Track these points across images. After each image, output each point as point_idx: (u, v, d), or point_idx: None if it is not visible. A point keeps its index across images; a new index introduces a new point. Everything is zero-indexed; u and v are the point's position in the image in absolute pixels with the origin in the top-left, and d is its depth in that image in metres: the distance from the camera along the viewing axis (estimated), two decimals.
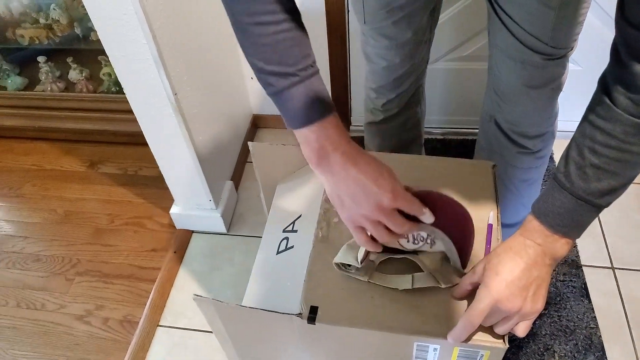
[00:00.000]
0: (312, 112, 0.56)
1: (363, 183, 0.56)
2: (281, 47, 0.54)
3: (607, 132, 0.51)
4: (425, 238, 0.62)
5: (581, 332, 1.16)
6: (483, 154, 1.05)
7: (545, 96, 0.87)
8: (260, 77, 0.57)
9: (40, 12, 1.62)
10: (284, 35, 0.54)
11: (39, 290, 1.35)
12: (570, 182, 0.54)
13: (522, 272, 0.56)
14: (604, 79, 0.53)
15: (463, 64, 1.43)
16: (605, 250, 1.31)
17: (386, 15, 0.87)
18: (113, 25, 0.96)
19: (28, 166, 1.68)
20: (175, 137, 1.16)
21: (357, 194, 0.57)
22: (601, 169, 0.52)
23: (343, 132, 0.57)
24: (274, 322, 0.64)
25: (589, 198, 0.53)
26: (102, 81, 1.68)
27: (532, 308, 0.56)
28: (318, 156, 0.57)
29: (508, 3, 0.77)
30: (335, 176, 0.57)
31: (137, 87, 1.07)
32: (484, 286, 0.57)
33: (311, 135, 0.56)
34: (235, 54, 1.47)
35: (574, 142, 0.55)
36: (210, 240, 1.42)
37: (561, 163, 0.56)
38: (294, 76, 0.55)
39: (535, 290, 0.56)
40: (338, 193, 0.58)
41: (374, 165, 0.58)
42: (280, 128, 1.71)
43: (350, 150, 0.57)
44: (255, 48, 0.55)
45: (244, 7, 0.53)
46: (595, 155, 0.52)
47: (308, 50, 0.56)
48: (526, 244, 0.57)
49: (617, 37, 0.50)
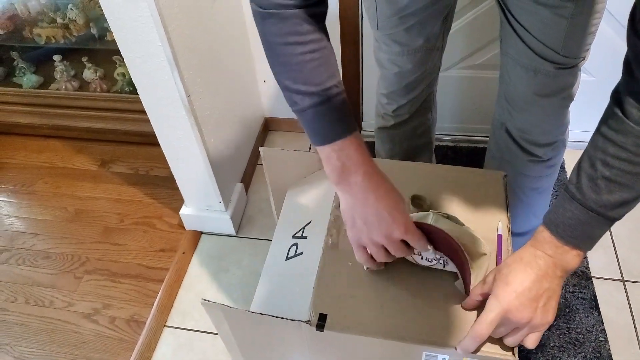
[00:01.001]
0: (333, 131, 0.58)
1: (379, 212, 0.58)
2: (308, 68, 0.56)
3: (619, 145, 0.51)
4: (439, 258, 0.63)
5: (590, 344, 1.15)
6: (493, 161, 1.04)
7: (556, 105, 0.87)
8: (287, 95, 0.59)
9: (57, 12, 1.64)
10: (311, 56, 0.56)
11: (47, 288, 1.36)
12: (582, 193, 0.54)
13: (533, 283, 0.55)
14: (616, 92, 0.53)
15: (475, 72, 1.43)
16: (616, 262, 1.29)
17: (398, 22, 0.87)
18: (129, 26, 0.97)
19: (40, 163, 1.70)
20: (187, 139, 1.17)
21: (370, 220, 0.58)
22: (613, 182, 0.52)
23: (364, 152, 0.59)
24: (282, 328, 0.64)
25: (600, 210, 0.53)
26: (115, 81, 1.70)
27: (542, 320, 0.56)
28: (339, 175, 0.59)
29: (521, 12, 0.77)
30: (353, 198, 0.59)
31: (150, 88, 1.08)
32: (494, 296, 0.56)
33: (333, 154, 0.58)
34: (248, 57, 1.47)
35: (586, 154, 0.55)
36: (219, 241, 1.42)
37: (573, 175, 0.56)
38: (319, 96, 0.57)
39: (546, 301, 0.56)
40: (352, 214, 0.60)
41: (392, 195, 0.60)
42: (291, 131, 1.71)
43: (372, 174, 0.59)
44: (284, 67, 0.58)
45: (275, 28, 0.56)
46: (607, 167, 0.52)
47: (333, 70, 0.58)
48: (537, 255, 0.57)
49: (629, 51, 0.50)
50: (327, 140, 0.58)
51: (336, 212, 0.73)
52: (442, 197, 0.74)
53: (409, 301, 0.63)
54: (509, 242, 0.68)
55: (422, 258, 0.64)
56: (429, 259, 0.64)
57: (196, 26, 1.10)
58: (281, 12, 0.55)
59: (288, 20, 0.55)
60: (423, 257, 0.64)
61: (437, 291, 0.64)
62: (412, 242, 0.60)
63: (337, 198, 0.75)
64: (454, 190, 0.74)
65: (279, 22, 0.55)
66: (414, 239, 0.60)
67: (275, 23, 0.56)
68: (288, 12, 0.55)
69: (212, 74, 1.21)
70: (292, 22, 0.55)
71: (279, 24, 0.55)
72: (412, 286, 0.64)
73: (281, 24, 0.55)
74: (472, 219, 0.70)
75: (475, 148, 1.58)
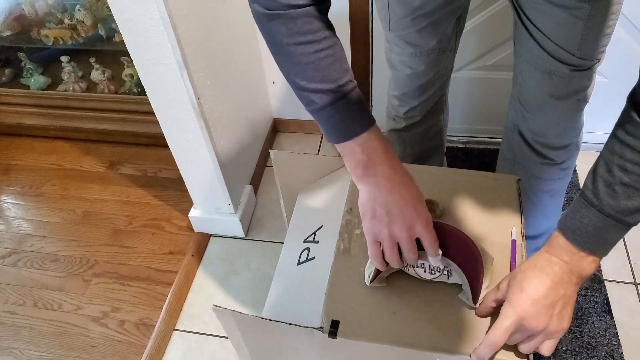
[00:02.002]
0: (356, 126, 0.57)
1: (404, 203, 0.58)
2: (323, 65, 0.55)
3: (637, 150, 0.50)
4: (442, 269, 0.63)
5: (602, 348, 1.13)
6: (506, 164, 1.03)
7: (570, 107, 0.86)
8: (302, 95, 0.58)
9: (65, 13, 1.64)
10: (325, 53, 0.55)
11: (56, 291, 1.36)
12: (598, 199, 0.53)
13: (548, 290, 0.55)
14: (633, 95, 0.52)
15: (487, 73, 1.42)
16: (629, 265, 1.27)
17: (411, 23, 0.86)
18: (138, 28, 0.96)
19: (48, 165, 1.70)
20: (197, 141, 1.16)
21: (394, 210, 0.58)
22: (631, 187, 0.51)
23: (387, 144, 0.59)
24: (294, 335, 0.63)
25: (618, 216, 0.53)
26: (123, 82, 1.70)
27: (558, 327, 0.55)
28: (364, 168, 0.58)
29: (535, 13, 0.76)
30: (378, 188, 0.58)
31: (160, 90, 1.08)
32: (509, 303, 0.56)
33: (357, 148, 0.57)
34: (257, 58, 1.47)
35: (602, 159, 0.54)
36: (228, 244, 1.42)
37: (589, 180, 0.55)
38: (336, 92, 0.56)
39: (562, 308, 0.55)
40: (375, 204, 0.59)
41: (416, 189, 0.60)
42: (300, 132, 1.70)
43: (397, 166, 0.59)
44: (297, 67, 0.56)
45: (284, 28, 0.55)
46: (625, 173, 0.51)
47: (346, 65, 0.57)
48: (552, 261, 0.56)
49: None
50: (350, 136, 0.57)
51: (347, 216, 0.72)
52: (455, 202, 0.73)
53: (421, 308, 0.62)
54: (523, 248, 0.67)
55: (425, 270, 0.63)
56: (432, 270, 0.63)
57: (205, 28, 1.10)
58: (291, 12, 0.53)
59: (298, 20, 0.54)
60: (426, 269, 0.63)
61: (450, 298, 0.63)
62: (429, 241, 0.59)
63: (348, 202, 0.74)
64: (466, 194, 0.73)
65: (289, 22, 0.54)
66: (431, 238, 0.59)
67: (285, 23, 0.54)
68: (298, 11, 0.53)
69: (221, 75, 1.20)
70: (303, 21, 0.54)
71: (289, 24, 0.54)
72: (425, 293, 0.64)
73: (291, 23, 0.54)
74: (486, 223, 0.70)
75: (486, 149, 1.56)
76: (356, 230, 0.71)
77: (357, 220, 0.71)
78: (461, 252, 0.61)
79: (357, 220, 0.71)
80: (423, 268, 0.63)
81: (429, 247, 0.59)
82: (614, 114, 0.55)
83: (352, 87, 0.57)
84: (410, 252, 0.59)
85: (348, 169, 0.60)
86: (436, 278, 0.64)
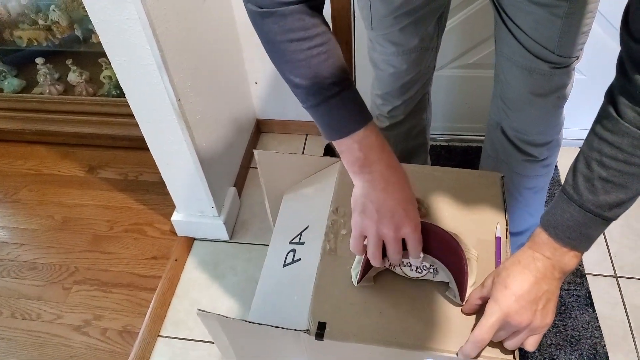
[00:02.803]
0: (353, 123, 0.57)
1: (395, 203, 0.58)
2: (315, 62, 0.55)
3: (615, 145, 0.51)
4: (429, 267, 0.63)
5: (586, 341, 1.15)
6: (489, 161, 1.04)
7: (550, 104, 0.87)
8: (297, 92, 0.58)
9: (39, 14, 1.60)
10: (319, 50, 0.55)
11: (34, 300, 1.32)
12: (579, 194, 0.54)
13: (532, 286, 0.55)
14: (611, 92, 0.52)
15: (468, 72, 1.43)
16: (609, 258, 1.30)
17: (393, 22, 0.86)
18: (115, 29, 0.94)
19: (25, 170, 1.66)
20: (178, 143, 1.15)
21: (384, 208, 0.58)
22: (610, 182, 0.52)
23: (384, 142, 0.59)
24: (280, 338, 0.63)
25: (597, 211, 0.53)
26: (102, 84, 1.66)
27: (542, 322, 0.56)
28: (361, 165, 0.58)
29: (515, 11, 0.77)
30: (372, 185, 0.58)
31: (139, 92, 1.06)
32: (494, 300, 0.56)
33: (354, 145, 0.57)
34: (239, 58, 1.45)
35: (582, 155, 0.55)
36: (213, 248, 1.40)
37: (569, 176, 0.56)
38: (332, 89, 0.55)
39: (545, 303, 0.56)
40: (366, 199, 0.59)
41: (409, 190, 0.60)
42: (284, 133, 1.69)
43: (394, 165, 0.59)
44: (291, 65, 0.56)
45: (276, 25, 0.54)
46: (603, 168, 0.52)
47: (342, 60, 0.57)
48: (535, 257, 0.57)
49: (622, 51, 0.50)
50: (346, 133, 0.57)
51: (333, 216, 0.72)
52: (439, 200, 0.73)
53: (408, 307, 0.62)
54: (508, 245, 0.68)
55: (412, 269, 0.63)
56: (419, 269, 0.63)
57: (185, 28, 1.08)
58: (282, 9, 0.53)
59: (290, 17, 0.53)
60: (412, 268, 0.63)
61: (437, 296, 0.63)
62: (413, 243, 0.59)
63: (334, 202, 0.74)
64: (451, 192, 0.74)
65: (281, 20, 0.54)
66: (416, 241, 0.59)
67: (277, 21, 0.54)
68: (289, 8, 0.53)
69: (202, 76, 1.18)
70: (295, 18, 0.53)
71: (280, 21, 0.54)
72: (411, 291, 0.64)
73: (283, 21, 0.54)
74: (470, 221, 0.70)
75: (469, 147, 1.58)
76: (342, 230, 0.70)
77: (343, 220, 0.71)
78: (445, 251, 0.62)
79: (343, 220, 0.71)
80: (410, 267, 0.63)
81: (413, 249, 0.60)
82: (593, 110, 0.56)
83: (348, 84, 0.56)
84: (395, 252, 0.59)
85: (345, 165, 0.60)
86: (423, 277, 0.64)
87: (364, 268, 0.62)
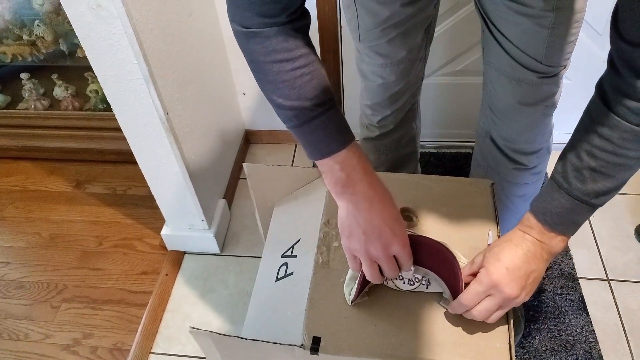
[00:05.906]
0: (334, 143, 0.57)
1: (381, 222, 0.58)
2: (299, 83, 0.55)
3: (605, 137, 0.53)
4: (421, 279, 0.63)
5: (580, 346, 1.15)
6: (479, 170, 1.05)
7: (539, 114, 0.88)
8: (280, 113, 0.58)
9: (23, 29, 1.58)
10: (302, 71, 0.55)
11: (22, 320, 1.29)
12: (568, 182, 0.56)
13: (522, 263, 0.58)
14: (601, 85, 0.54)
15: (455, 79, 1.44)
16: (600, 261, 1.31)
17: (381, 34, 0.86)
18: (102, 44, 0.93)
19: (10, 187, 1.63)
20: (167, 157, 1.13)
21: (371, 230, 0.58)
22: (598, 172, 0.54)
23: (366, 162, 0.59)
24: (275, 353, 0.62)
25: (585, 199, 0.56)
26: (88, 98, 1.65)
27: (525, 298, 0.59)
28: (343, 186, 0.58)
29: (502, 22, 0.77)
30: (356, 207, 0.58)
31: (126, 106, 1.05)
32: (485, 270, 0.59)
33: (335, 166, 0.57)
34: (226, 70, 1.45)
35: (571, 144, 0.57)
36: (204, 261, 1.39)
37: (559, 164, 0.58)
38: (314, 110, 0.56)
39: (532, 282, 0.59)
40: (352, 221, 0.59)
41: (393, 208, 0.60)
42: (272, 143, 1.69)
43: (376, 185, 0.59)
44: (274, 85, 0.56)
45: (260, 47, 0.55)
46: (592, 158, 0.54)
47: (325, 82, 0.57)
48: (525, 238, 0.59)
49: (612, 50, 0.52)
50: (327, 153, 0.57)
51: (325, 228, 0.72)
52: (431, 209, 0.73)
53: (402, 318, 0.62)
54: None
55: (404, 282, 0.64)
56: (410, 282, 0.63)
57: (172, 42, 1.08)
58: (266, 31, 0.54)
59: (274, 38, 0.54)
60: (405, 281, 0.63)
61: (430, 307, 0.63)
62: (403, 259, 0.60)
63: (325, 214, 0.73)
64: (442, 200, 0.74)
65: (265, 41, 0.54)
66: (406, 257, 0.60)
67: (261, 42, 0.54)
68: (273, 30, 0.54)
69: (190, 89, 1.18)
70: (278, 39, 0.54)
71: (264, 42, 0.54)
72: (405, 303, 0.64)
73: (267, 42, 0.54)
74: (462, 229, 0.71)
75: (458, 153, 1.59)
76: (334, 242, 0.70)
77: (335, 232, 0.71)
78: (437, 261, 0.62)
79: (335, 232, 0.71)
80: (402, 280, 0.63)
81: (404, 264, 0.60)
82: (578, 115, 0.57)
83: (330, 105, 0.57)
84: (390, 270, 0.60)
85: (327, 186, 0.60)
86: (415, 289, 0.64)
87: (360, 287, 0.62)
